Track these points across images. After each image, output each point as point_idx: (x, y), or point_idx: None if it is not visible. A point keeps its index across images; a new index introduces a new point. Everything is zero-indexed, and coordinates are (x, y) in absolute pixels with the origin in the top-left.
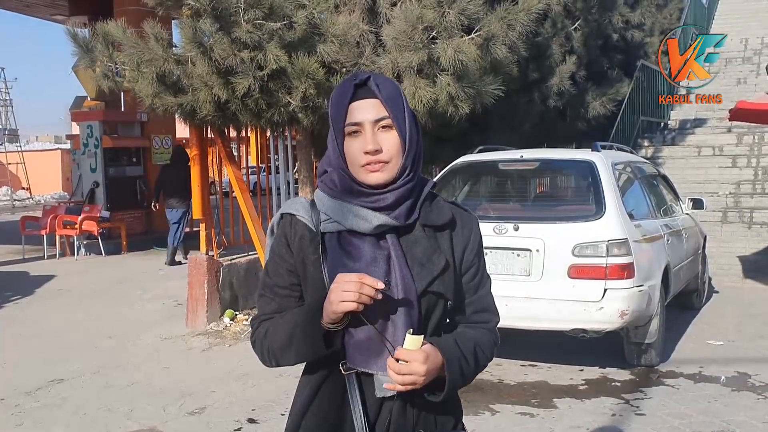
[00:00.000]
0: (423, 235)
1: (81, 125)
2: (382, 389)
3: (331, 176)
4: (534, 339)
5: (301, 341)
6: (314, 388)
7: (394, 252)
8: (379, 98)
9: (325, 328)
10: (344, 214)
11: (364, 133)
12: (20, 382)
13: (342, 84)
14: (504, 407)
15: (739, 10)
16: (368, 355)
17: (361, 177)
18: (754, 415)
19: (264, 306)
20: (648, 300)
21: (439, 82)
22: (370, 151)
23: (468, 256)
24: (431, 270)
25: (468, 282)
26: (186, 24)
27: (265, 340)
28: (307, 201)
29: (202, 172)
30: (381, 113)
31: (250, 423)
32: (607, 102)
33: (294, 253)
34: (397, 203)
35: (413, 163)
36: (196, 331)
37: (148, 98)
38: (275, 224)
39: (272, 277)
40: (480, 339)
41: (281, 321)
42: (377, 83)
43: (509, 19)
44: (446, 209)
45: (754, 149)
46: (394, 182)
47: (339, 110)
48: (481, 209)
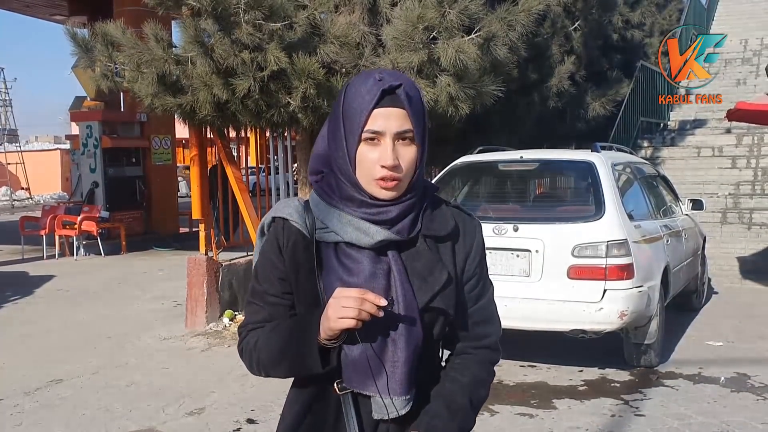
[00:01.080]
0: (425, 248)
1: (80, 125)
2: (379, 411)
3: (329, 180)
4: (533, 340)
5: (295, 357)
6: (305, 404)
7: (395, 267)
8: (407, 110)
9: (320, 344)
10: (343, 226)
11: (384, 145)
12: (19, 382)
13: (365, 81)
14: (503, 408)
15: (739, 11)
16: (366, 376)
17: (370, 189)
18: (753, 416)
19: (253, 314)
20: (647, 301)
21: (439, 82)
22: (388, 166)
23: (470, 265)
24: (433, 285)
25: (469, 292)
26: (188, 24)
27: (254, 351)
28: (300, 204)
29: (201, 173)
30: (405, 126)
31: (249, 423)
32: (607, 102)
33: (286, 260)
34: (400, 217)
35: (421, 175)
36: (195, 331)
37: (148, 98)
38: (266, 226)
39: (262, 283)
40: (474, 381)
41: (273, 333)
42: (408, 93)
43: (509, 20)
44: (449, 216)
45: (753, 150)
46: (400, 197)
47: (359, 111)
48: (480, 210)
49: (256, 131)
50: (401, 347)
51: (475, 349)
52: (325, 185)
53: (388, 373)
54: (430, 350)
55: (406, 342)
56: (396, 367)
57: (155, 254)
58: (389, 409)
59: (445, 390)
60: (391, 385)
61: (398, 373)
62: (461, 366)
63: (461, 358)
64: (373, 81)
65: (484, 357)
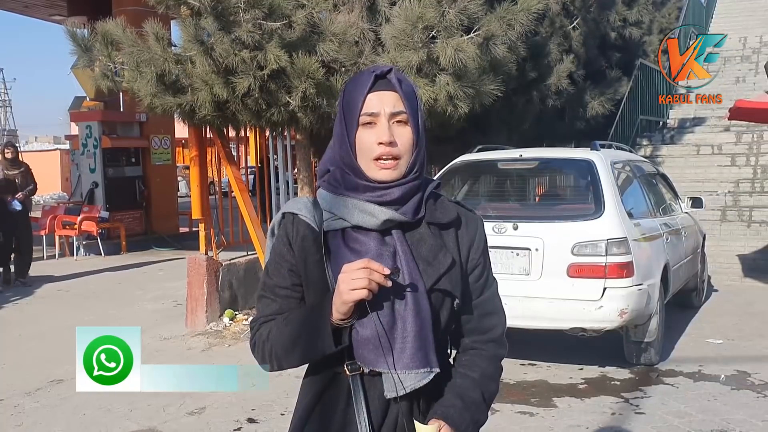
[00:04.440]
0: (429, 233)
1: (80, 125)
2: (390, 388)
3: (334, 174)
4: (533, 338)
5: (308, 340)
6: (317, 391)
7: (400, 247)
8: (398, 92)
9: (334, 324)
10: (349, 210)
11: (380, 125)
12: (20, 382)
13: (361, 74)
14: (503, 406)
15: (738, 9)
16: (377, 352)
17: (370, 172)
18: (753, 414)
19: (264, 307)
20: (647, 299)
21: (439, 81)
22: (385, 142)
23: (474, 254)
24: (438, 268)
25: (474, 282)
26: (188, 23)
27: (267, 342)
28: (309, 200)
29: (201, 173)
30: (399, 107)
31: (249, 423)
32: (606, 101)
33: (296, 253)
34: (404, 199)
35: (421, 161)
36: (195, 331)
37: (147, 98)
38: (276, 224)
39: (273, 277)
40: (483, 376)
41: (285, 321)
42: (398, 77)
43: (509, 19)
44: (451, 208)
45: (753, 148)
46: (401, 179)
47: (356, 99)
48: (480, 208)
49: (255, 131)
50: (410, 321)
51: (482, 344)
52: (332, 179)
53: (399, 348)
54: (439, 340)
55: (414, 317)
56: (406, 341)
57: (155, 254)
58: (399, 386)
59: (457, 385)
60: (403, 359)
61: (408, 348)
62: (469, 362)
63: (468, 355)
64: (366, 72)
65: (491, 352)
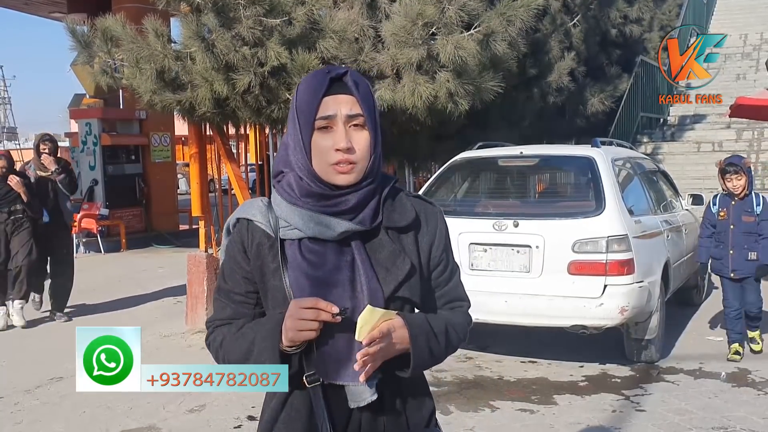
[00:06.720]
0: (387, 239)
1: (79, 123)
2: (354, 398)
3: (288, 179)
4: (534, 335)
5: (258, 360)
6: (281, 399)
7: (358, 257)
8: (355, 96)
9: (282, 350)
10: (305, 223)
11: (336, 129)
12: (20, 380)
13: (315, 75)
14: (504, 404)
15: (738, 6)
16: (337, 366)
17: (327, 177)
18: (754, 411)
19: (219, 310)
20: (648, 296)
21: (439, 78)
22: (342, 148)
23: (435, 252)
24: (396, 275)
25: (437, 277)
26: (189, 19)
27: (220, 350)
28: (264, 204)
29: (201, 170)
30: (356, 110)
31: (249, 420)
32: (606, 98)
33: (251, 261)
34: (360, 206)
35: (378, 164)
36: (195, 328)
37: (147, 95)
38: (231, 226)
39: (228, 281)
40: (452, 319)
41: (237, 335)
42: (355, 80)
43: (509, 15)
44: (409, 207)
45: (753, 145)
46: (358, 184)
47: (311, 102)
48: (480, 206)
49: (255, 128)
50: None
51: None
52: (285, 185)
53: None
54: None
55: None
56: None
57: (155, 251)
58: (361, 397)
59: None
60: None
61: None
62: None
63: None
64: (321, 74)
65: (461, 311)
